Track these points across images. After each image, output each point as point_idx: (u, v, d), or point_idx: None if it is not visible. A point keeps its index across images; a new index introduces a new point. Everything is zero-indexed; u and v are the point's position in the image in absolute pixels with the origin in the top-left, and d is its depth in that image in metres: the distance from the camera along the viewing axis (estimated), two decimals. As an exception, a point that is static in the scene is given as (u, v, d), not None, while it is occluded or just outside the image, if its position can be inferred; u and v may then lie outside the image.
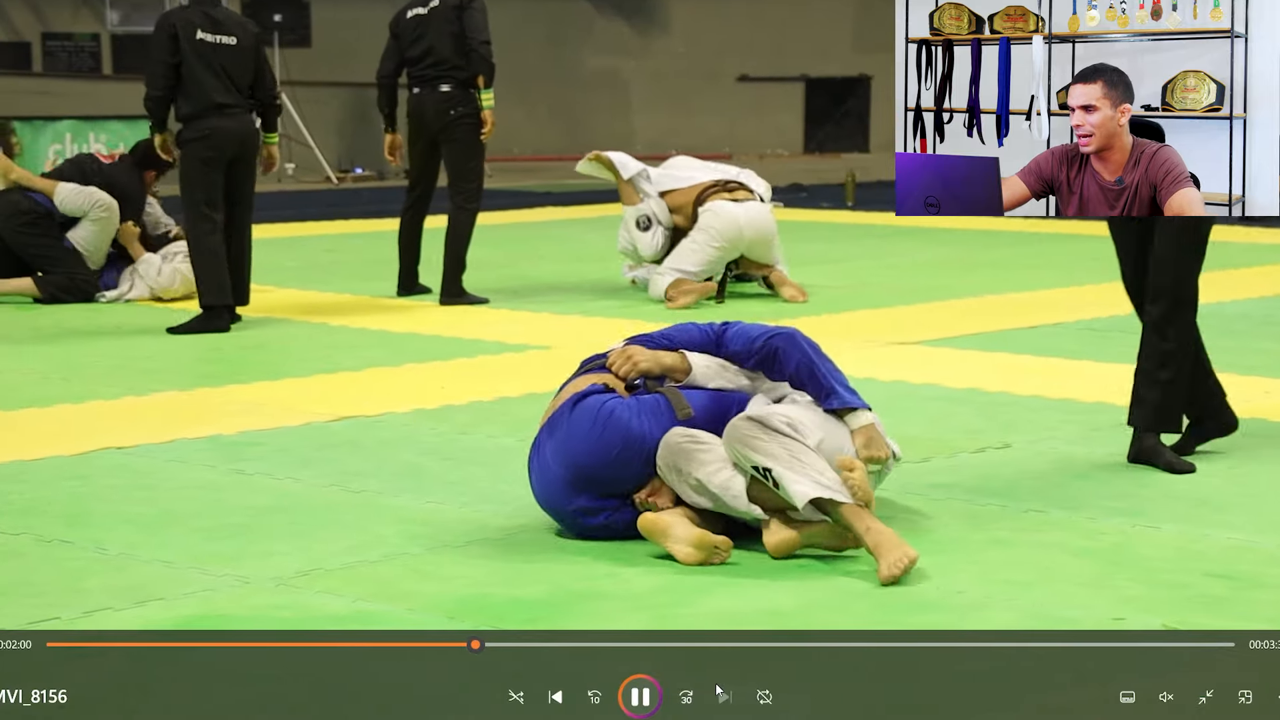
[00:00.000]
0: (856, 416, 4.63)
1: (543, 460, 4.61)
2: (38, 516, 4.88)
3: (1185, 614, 3.95)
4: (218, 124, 8.62)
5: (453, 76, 9.47)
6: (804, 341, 4.70)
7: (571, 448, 4.55)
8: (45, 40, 21.25)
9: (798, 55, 24.75)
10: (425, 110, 9.53)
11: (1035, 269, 11.02)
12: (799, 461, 4.37)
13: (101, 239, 9.69)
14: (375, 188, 19.20)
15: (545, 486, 4.59)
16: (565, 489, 4.55)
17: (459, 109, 9.46)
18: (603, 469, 4.54)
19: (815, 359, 4.66)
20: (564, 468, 4.55)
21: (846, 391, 4.66)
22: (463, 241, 9.59)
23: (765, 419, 4.44)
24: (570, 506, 4.56)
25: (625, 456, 4.53)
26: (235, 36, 8.79)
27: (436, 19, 9.49)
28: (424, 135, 9.60)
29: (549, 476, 4.58)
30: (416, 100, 9.60)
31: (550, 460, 4.59)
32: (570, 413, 4.60)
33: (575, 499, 4.55)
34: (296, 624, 3.90)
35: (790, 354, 4.66)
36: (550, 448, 4.59)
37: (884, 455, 4.61)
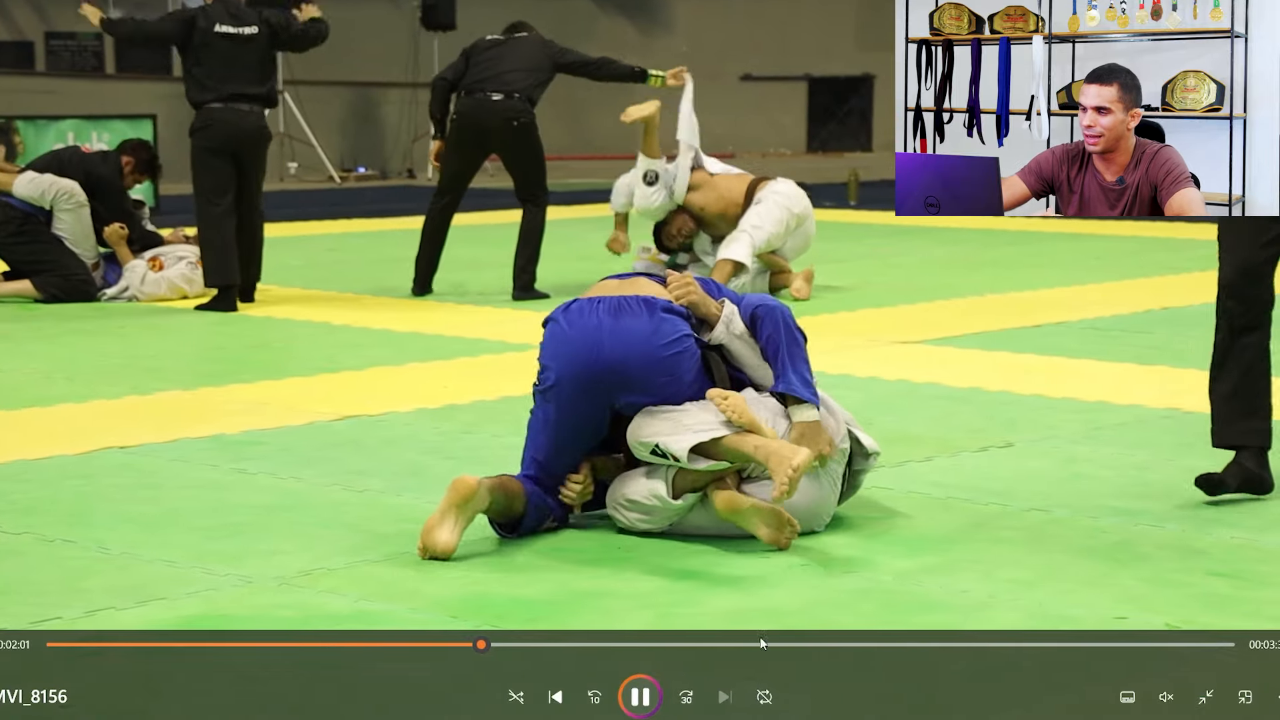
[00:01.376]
0: (801, 410, 4.59)
1: (593, 327, 4.61)
2: (40, 516, 4.88)
3: (1188, 613, 3.95)
4: (222, 115, 9.03)
5: (514, 88, 9.70)
6: (783, 320, 4.67)
7: (632, 347, 4.57)
8: (48, 39, 21.27)
9: (800, 54, 24.75)
10: (483, 118, 9.66)
11: (1037, 268, 11.02)
12: (680, 424, 4.47)
13: (78, 227, 9.59)
14: (378, 187, 19.21)
15: (588, 345, 4.60)
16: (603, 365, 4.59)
17: (522, 119, 9.69)
18: (635, 381, 4.56)
19: (784, 340, 4.64)
20: (610, 353, 4.57)
21: (801, 383, 4.61)
22: (538, 243, 9.92)
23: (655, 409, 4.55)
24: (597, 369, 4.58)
25: (659, 390, 4.57)
26: (255, 27, 9.31)
27: (516, 44, 9.85)
28: (475, 143, 9.78)
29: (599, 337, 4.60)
30: (473, 105, 9.68)
31: (607, 337, 4.59)
32: (650, 313, 4.61)
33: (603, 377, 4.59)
34: (299, 623, 3.90)
35: (765, 325, 4.66)
36: (610, 326, 4.60)
37: (822, 451, 4.56)
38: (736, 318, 4.71)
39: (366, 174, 20.20)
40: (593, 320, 4.63)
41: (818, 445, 4.54)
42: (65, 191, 9.58)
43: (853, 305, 9.27)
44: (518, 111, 9.64)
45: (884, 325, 8.56)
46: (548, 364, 4.66)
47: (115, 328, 8.64)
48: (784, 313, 4.69)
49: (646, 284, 4.76)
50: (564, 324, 4.66)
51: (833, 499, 4.67)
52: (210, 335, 8.41)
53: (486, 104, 9.62)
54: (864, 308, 9.21)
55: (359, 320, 8.81)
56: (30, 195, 9.57)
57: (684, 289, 4.71)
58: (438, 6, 19.55)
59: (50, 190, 9.56)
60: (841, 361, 7.30)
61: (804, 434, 4.55)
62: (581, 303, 4.70)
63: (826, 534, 4.65)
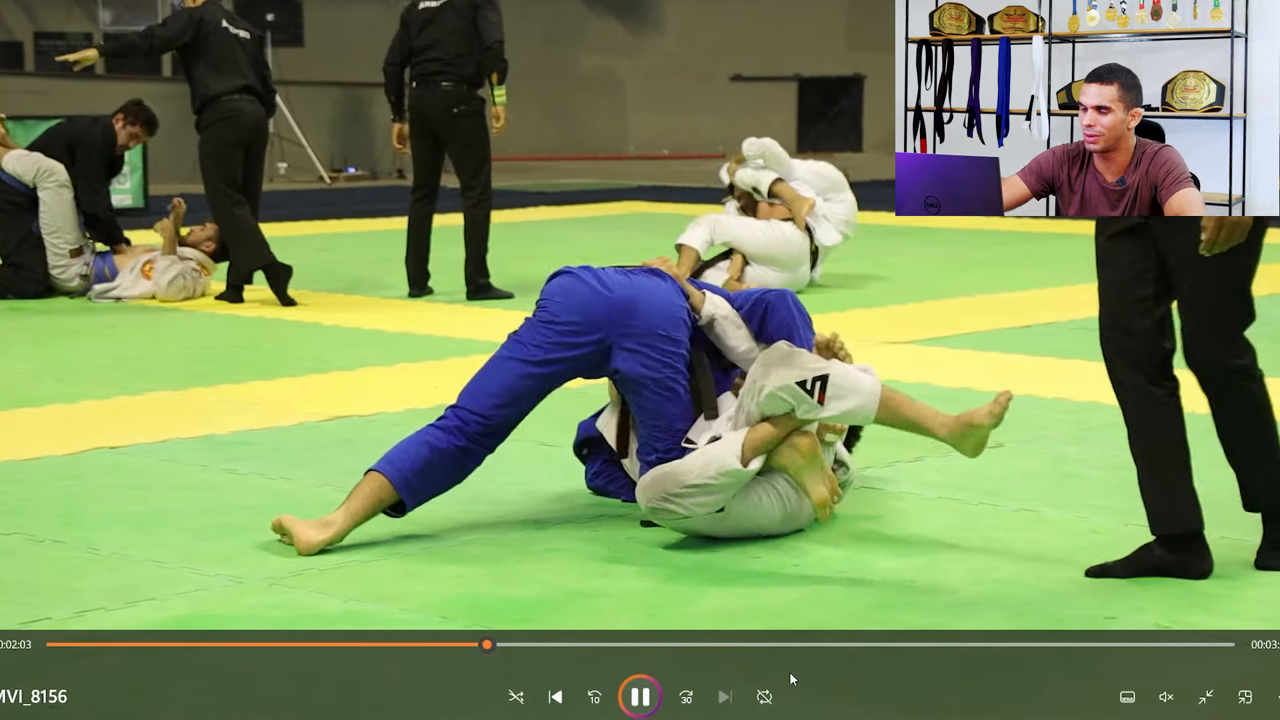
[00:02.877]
0: None
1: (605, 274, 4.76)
2: (30, 516, 4.86)
3: (1178, 613, 3.95)
4: (242, 106, 9.22)
5: (455, 73, 9.52)
6: (794, 304, 4.79)
7: (644, 291, 4.70)
8: (38, 39, 21.23)
9: (791, 55, 24.76)
10: (428, 107, 9.56)
11: (1028, 268, 11.02)
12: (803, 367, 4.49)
13: (58, 208, 9.50)
14: (368, 187, 19.19)
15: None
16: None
17: (462, 106, 9.53)
18: (638, 327, 4.64)
19: (798, 323, 4.75)
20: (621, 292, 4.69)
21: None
22: (483, 239, 9.72)
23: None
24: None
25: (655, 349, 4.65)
26: (249, 33, 9.54)
27: (448, 13, 9.57)
28: (427, 132, 9.64)
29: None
30: (418, 96, 9.62)
31: (617, 282, 4.72)
32: (661, 279, 4.77)
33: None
34: (289, 624, 3.89)
35: (778, 310, 4.75)
36: (620, 277, 4.74)
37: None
38: (723, 304, 4.80)
39: (356, 174, 20.18)
40: (606, 272, 4.77)
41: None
42: (47, 170, 9.53)
43: (843, 305, 9.27)
44: (458, 98, 9.55)
45: (875, 326, 8.56)
46: (549, 297, 4.75)
47: (105, 328, 8.62)
48: (794, 299, 4.82)
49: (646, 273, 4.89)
50: (576, 272, 4.77)
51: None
52: (200, 335, 8.39)
53: (427, 90, 9.58)
54: (855, 308, 9.21)
55: (349, 320, 8.79)
56: (16, 171, 9.54)
57: (664, 267, 4.87)
58: (428, 6, 19.53)
59: (33, 168, 9.51)
60: (833, 362, 7.28)
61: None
62: (591, 267, 4.83)
63: (816, 534, 4.65)
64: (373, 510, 4.56)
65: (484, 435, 4.65)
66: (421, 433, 4.66)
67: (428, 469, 4.59)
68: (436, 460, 4.61)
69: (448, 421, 4.65)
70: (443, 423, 4.66)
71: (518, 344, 4.69)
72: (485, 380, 4.69)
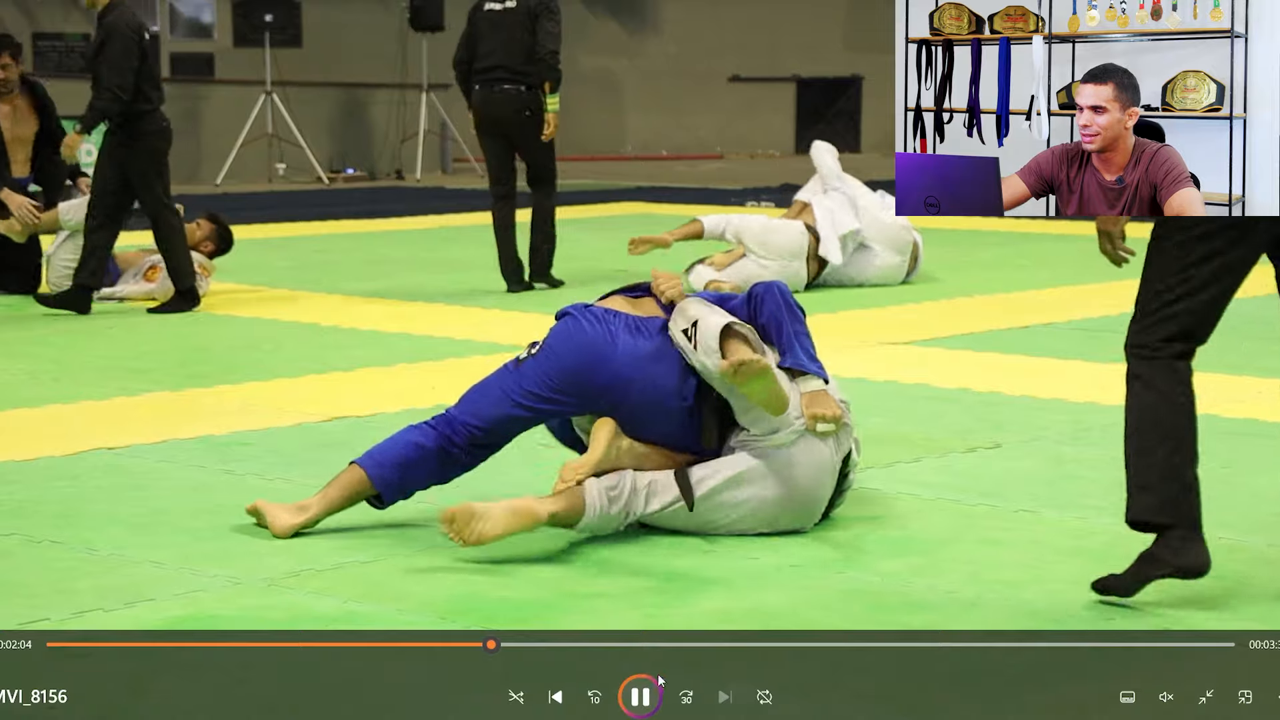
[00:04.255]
0: (808, 381, 4.63)
1: (610, 335, 4.67)
2: (28, 517, 4.86)
3: (1175, 613, 3.94)
4: (165, 120, 9.14)
5: (520, 80, 9.83)
6: (782, 298, 4.72)
7: (639, 371, 4.61)
8: (36, 40, 21.21)
9: (789, 55, 24.77)
10: (495, 110, 9.88)
11: (1025, 269, 11.03)
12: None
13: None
14: (366, 188, 19.19)
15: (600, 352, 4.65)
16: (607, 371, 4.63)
17: (531, 110, 9.84)
18: (625, 407, 4.60)
19: (786, 316, 4.69)
20: (619, 368, 4.61)
21: (807, 357, 4.66)
22: (552, 226, 10.06)
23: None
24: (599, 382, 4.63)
25: (643, 426, 4.60)
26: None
27: (511, 21, 9.84)
28: (499, 133, 9.95)
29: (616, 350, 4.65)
30: (483, 98, 9.91)
31: (623, 352, 4.63)
32: (663, 348, 4.64)
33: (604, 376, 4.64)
34: (287, 624, 3.89)
35: (766, 302, 4.71)
36: (627, 344, 4.65)
37: (829, 414, 4.57)
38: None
39: (355, 175, 20.18)
40: (612, 329, 4.69)
41: (827, 408, 4.57)
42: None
43: (840, 306, 9.26)
44: (527, 102, 9.87)
45: (872, 326, 8.56)
46: (553, 345, 4.69)
47: (102, 328, 8.62)
48: (783, 290, 4.75)
49: (652, 306, 4.82)
50: (582, 321, 4.71)
51: (829, 489, 4.66)
52: (197, 336, 8.39)
53: (495, 94, 9.88)
54: (852, 308, 9.21)
55: (347, 321, 8.79)
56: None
57: (670, 286, 4.80)
58: (426, 8, 19.53)
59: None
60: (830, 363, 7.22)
61: (813, 400, 4.59)
62: (599, 309, 4.76)
63: (815, 534, 4.65)
64: (349, 499, 4.66)
65: (473, 446, 4.72)
66: (412, 428, 4.73)
67: (406, 464, 4.68)
68: (417, 457, 4.68)
69: (439, 423, 4.72)
70: (435, 422, 4.73)
71: (518, 376, 4.70)
72: (481, 399, 4.73)
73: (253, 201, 16.84)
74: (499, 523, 4.36)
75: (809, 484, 4.60)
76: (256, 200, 17.07)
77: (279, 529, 4.60)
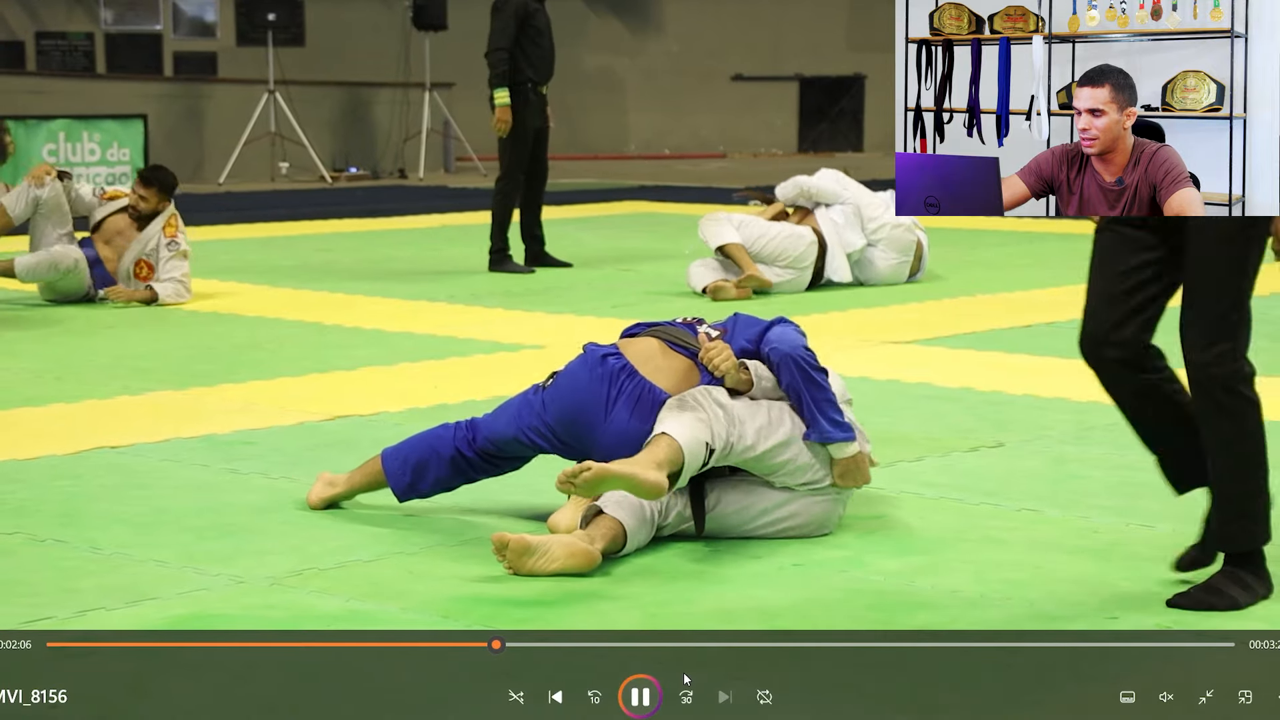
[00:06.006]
0: (840, 448, 4.58)
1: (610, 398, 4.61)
2: (31, 516, 4.87)
3: (1179, 613, 3.94)
4: None
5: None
6: (797, 365, 4.59)
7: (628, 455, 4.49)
8: (39, 39, 21.23)
9: (791, 55, 24.77)
10: (534, 110, 10.83)
11: (1028, 268, 11.02)
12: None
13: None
14: (369, 187, 19.19)
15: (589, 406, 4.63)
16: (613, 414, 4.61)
17: (492, 107, 10.75)
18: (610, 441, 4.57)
19: (804, 385, 4.58)
20: (606, 442, 4.57)
21: (833, 426, 4.56)
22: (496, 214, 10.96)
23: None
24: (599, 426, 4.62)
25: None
26: None
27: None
28: (530, 130, 10.82)
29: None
30: (525, 99, 10.81)
31: (614, 429, 4.58)
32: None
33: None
34: (290, 624, 3.89)
35: (783, 373, 4.61)
36: (622, 422, 4.57)
37: (859, 484, 4.62)
38: (764, 376, 4.65)
39: (358, 174, 20.17)
40: (614, 395, 4.62)
41: (860, 479, 4.61)
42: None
43: (843, 305, 9.27)
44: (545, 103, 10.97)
45: (874, 325, 8.56)
46: (559, 386, 4.69)
47: (105, 327, 8.63)
48: (797, 355, 4.61)
49: (686, 365, 4.67)
50: (592, 373, 4.64)
51: (841, 510, 4.69)
52: (201, 335, 8.39)
53: (533, 94, 10.87)
54: (855, 308, 9.21)
55: (350, 320, 8.79)
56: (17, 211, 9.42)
57: (720, 357, 4.62)
58: (429, 7, 19.53)
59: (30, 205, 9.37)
60: (833, 362, 7.26)
61: (846, 471, 4.58)
62: (618, 363, 4.65)
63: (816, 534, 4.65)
64: (369, 485, 4.88)
65: (484, 459, 4.78)
66: (441, 428, 4.84)
67: (421, 466, 4.79)
68: (432, 460, 4.78)
69: (463, 428, 4.80)
70: (459, 426, 4.82)
71: (537, 405, 4.71)
72: (501, 416, 4.79)
73: (256, 200, 16.85)
74: (554, 560, 4.27)
75: (821, 512, 4.63)
76: (259, 199, 17.08)
77: (311, 499, 4.88)
